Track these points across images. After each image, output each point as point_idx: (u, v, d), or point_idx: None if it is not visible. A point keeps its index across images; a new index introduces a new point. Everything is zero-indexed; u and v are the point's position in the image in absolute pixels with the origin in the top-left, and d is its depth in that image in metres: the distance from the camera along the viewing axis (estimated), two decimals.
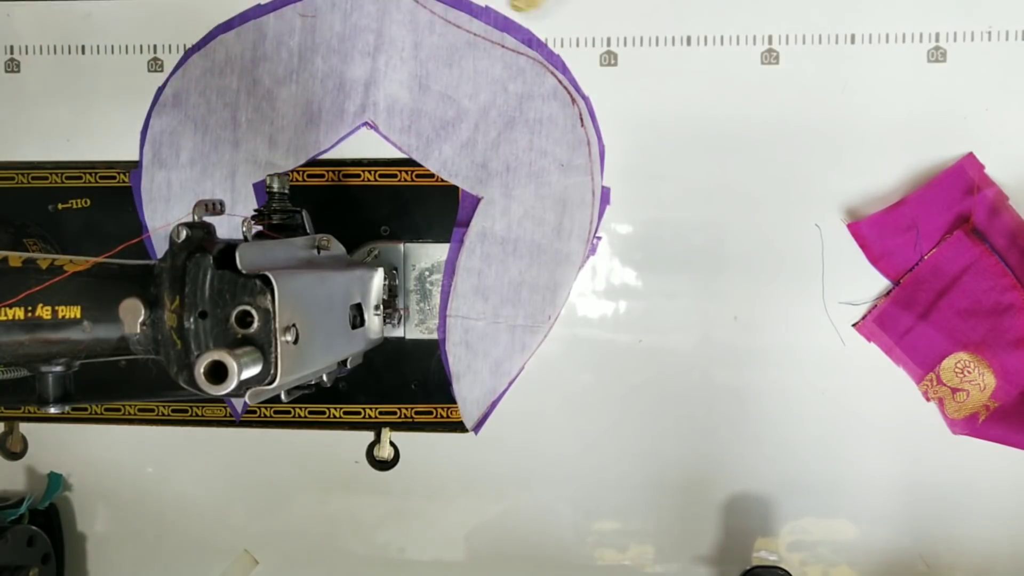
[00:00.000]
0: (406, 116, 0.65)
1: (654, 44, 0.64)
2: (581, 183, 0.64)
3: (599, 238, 0.65)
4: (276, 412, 0.68)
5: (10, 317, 0.43)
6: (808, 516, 0.66)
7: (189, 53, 0.67)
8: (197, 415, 0.69)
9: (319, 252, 0.53)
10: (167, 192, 0.67)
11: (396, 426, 0.67)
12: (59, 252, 0.67)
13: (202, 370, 0.39)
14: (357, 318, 0.54)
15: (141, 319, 0.42)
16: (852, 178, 0.63)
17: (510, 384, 0.66)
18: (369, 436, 0.68)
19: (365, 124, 0.65)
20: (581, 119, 0.63)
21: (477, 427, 0.66)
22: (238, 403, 0.68)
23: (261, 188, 0.66)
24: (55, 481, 0.69)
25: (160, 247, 0.66)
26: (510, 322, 0.65)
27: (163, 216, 0.67)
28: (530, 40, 0.64)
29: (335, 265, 0.54)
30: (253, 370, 0.40)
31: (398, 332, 0.66)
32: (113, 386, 0.61)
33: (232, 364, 0.38)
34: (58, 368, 0.45)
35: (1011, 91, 0.62)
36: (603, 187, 0.64)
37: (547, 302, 0.65)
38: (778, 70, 0.63)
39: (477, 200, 0.64)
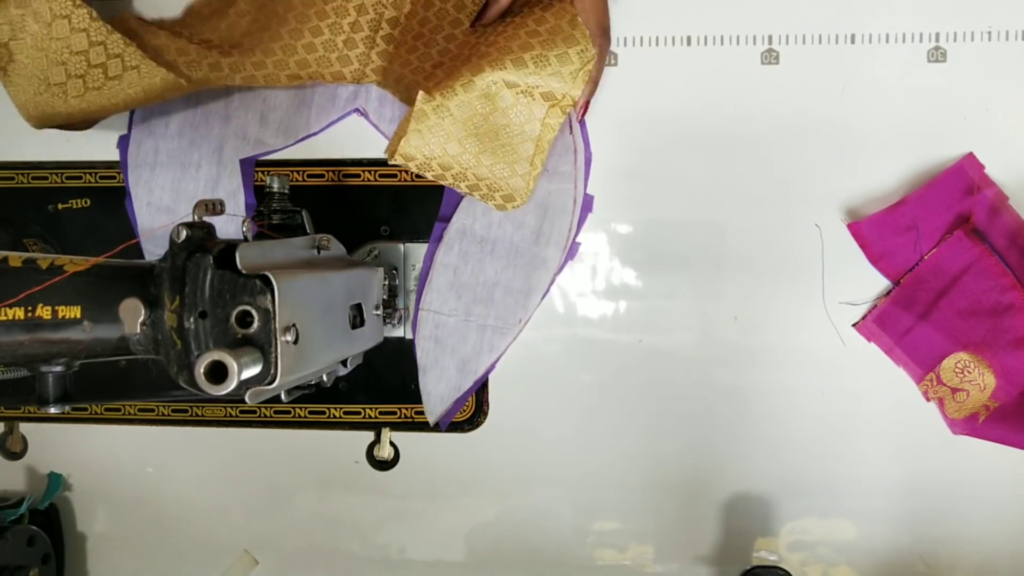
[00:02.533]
0: (396, 108, 0.65)
1: (654, 44, 0.64)
2: (564, 190, 0.64)
3: (578, 244, 0.65)
4: (276, 412, 0.68)
5: (10, 317, 0.43)
6: (808, 516, 0.66)
7: None
8: (197, 415, 0.69)
9: (319, 252, 0.53)
10: (153, 159, 0.67)
11: (396, 426, 0.67)
12: (59, 252, 0.68)
13: (202, 370, 0.39)
14: (357, 318, 0.54)
15: (141, 319, 0.42)
16: (852, 178, 0.63)
17: (476, 383, 0.66)
18: (369, 436, 0.68)
19: (356, 111, 0.65)
20: (570, 126, 0.63)
21: (443, 422, 0.66)
22: None
23: (248, 164, 0.66)
24: (55, 481, 0.69)
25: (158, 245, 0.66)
26: (481, 321, 0.65)
27: (147, 182, 0.67)
28: None
29: (335, 265, 0.54)
30: (253, 370, 0.40)
31: (398, 332, 0.66)
32: (113, 386, 0.61)
33: (232, 364, 0.38)
34: (58, 368, 0.45)
35: (1011, 91, 0.62)
36: (587, 195, 0.64)
37: (519, 305, 0.65)
38: (778, 70, 0.63)
39: (460, 197, 0.64)
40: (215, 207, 0.45)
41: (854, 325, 0.64)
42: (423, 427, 0.67)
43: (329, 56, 0.62)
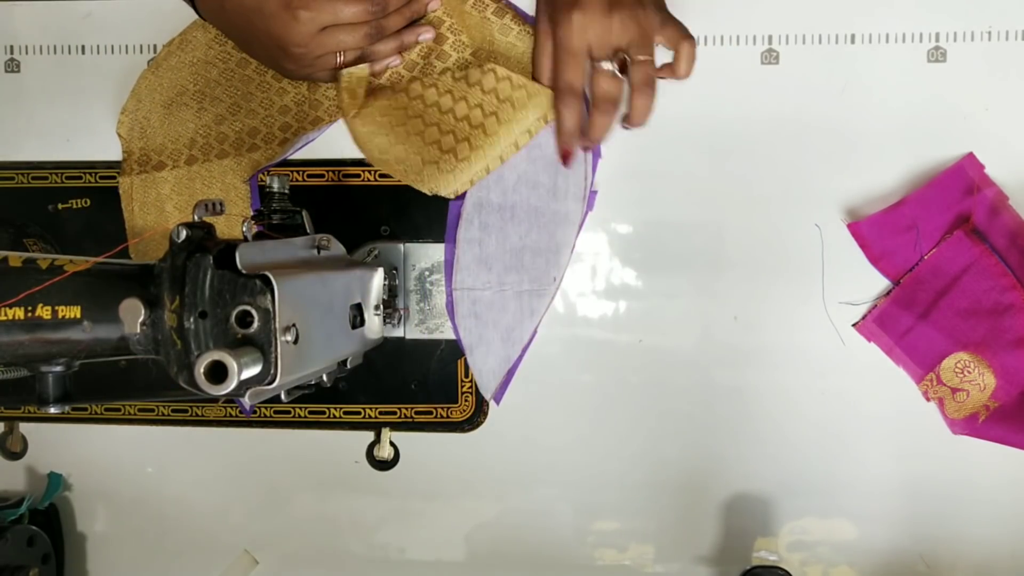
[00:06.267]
0: None
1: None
2: None
3: (595, 192, 0.64)
4: (276, 412, 0.68)
5: (10, 317, 0.43)
6: (808, 516, 0.66)
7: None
8: (197, 415, 0.69)
9: (319, 252, 0.53)
10: None
11: (396, 426, 0.67)
12: (59, 252, 0.68)
13: (202, 370, 0.39)
14: (357, 318, 0.54)
15: (141, 319, 0.42)
16: (852, 178, 0.63)
17: (524, 350, 0.65)
18: (369, 436, 0.68)
19: None
20: None
21: (497, 396, 0.66)
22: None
23: (252, 175, 0.66)
24: (55, 481, 0.69)
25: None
26: (516, 288, 0.65)
27: None
28: None
29: (335, 265, 0.54)
30: (253, 370, 0.40)
31: (398, 332, 0.66)
32: (113, 386, 0.61)
33: (232, 364, 0.38)
34: (58, 368, 0.45)
35: (1011, 91, 0.62)
36: None
37: (551, 264, 0.64)
38: (778, 70, 0.63)
39: None
40: (215, 207, 0.45)
41: (854, 325, 0.64)
42: (423, 427, 0.67)
43: (303, 108, 0.66)
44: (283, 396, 0.51)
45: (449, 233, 0.65)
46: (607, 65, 0.57)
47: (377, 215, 0.66)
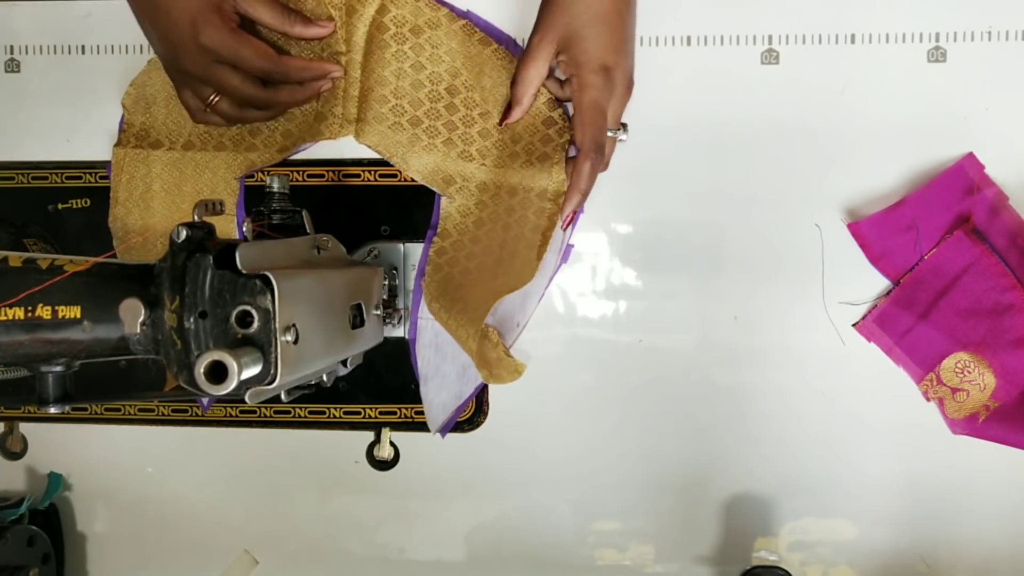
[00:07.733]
0: None
1: (654, 44, 0.64)
2: None
3: (571, 246, 0.65)
4: (276, 412, 0.68)
5: (10, 317, 0.43)
6: (808, 516, 0.66)
7: None
8: (197, 415, 0.69)
9: (319, 252, 0.53)
10: None
11: (396, 426, 0.67)
12: (59, 252, 0.68)
13: (202, 370, 0.39)
14: (357, 318, 0.54)
15: (141, 319, 0.42)
16: (852, 178, 0.63)
17: (476, 389, 0.66)
18: (369, 436, 0.68)
19: None
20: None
21: (443, 430, 0.66)
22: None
23: (239, 180, 0.66)
24: (55, 481, 0.69)
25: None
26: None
27: None
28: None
29: (335, 265, 0.54)
30: (253, 370, 0.40)
31: (398, 332, 0.66)
32: (113, 386, 0.61)
33: (232, 364, 0.38)
34: (58, 368, 0.45)
35: (1011, 91, 0.62)
36: None
37: (517, 309, 0.64)
38: (778, 70, 0.63)
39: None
40: (215, 207, 0.45)
41: (854, 325, 0.64)
42: (423, 427, 0.67)
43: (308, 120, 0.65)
44: (283, 396, 0.51)
45: (430, 236, 0.65)
46: (619, 134, 0.61)
47: (377, 215, 0.66)
